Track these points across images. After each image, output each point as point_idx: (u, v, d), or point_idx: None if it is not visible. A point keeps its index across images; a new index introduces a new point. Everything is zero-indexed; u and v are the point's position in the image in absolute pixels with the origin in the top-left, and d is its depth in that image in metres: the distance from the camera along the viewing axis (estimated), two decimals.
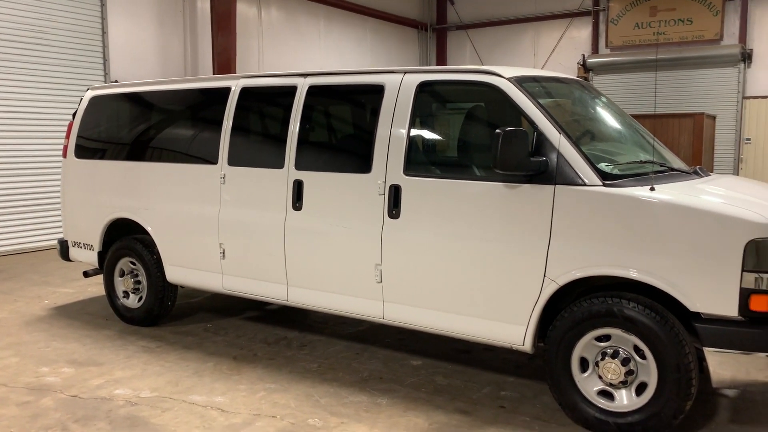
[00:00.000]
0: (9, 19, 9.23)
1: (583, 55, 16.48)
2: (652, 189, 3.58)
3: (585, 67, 16.41)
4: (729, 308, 3.34)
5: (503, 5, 17.81)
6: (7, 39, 9.22)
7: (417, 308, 4.33)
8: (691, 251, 3.41)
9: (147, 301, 5.81)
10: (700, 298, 3.41)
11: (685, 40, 15.39)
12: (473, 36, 18.53)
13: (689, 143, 12.67)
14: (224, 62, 12.17)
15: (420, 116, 4.44)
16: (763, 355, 3.29)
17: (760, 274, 3.29)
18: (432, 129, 4.61)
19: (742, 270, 3.30)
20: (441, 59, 18.99)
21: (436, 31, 18.95)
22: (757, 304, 3.30)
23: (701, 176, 4.24)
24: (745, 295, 3.31)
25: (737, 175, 14.82)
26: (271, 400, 4.28)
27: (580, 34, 16.93)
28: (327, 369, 4.82)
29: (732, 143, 14.96)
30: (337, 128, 5.00)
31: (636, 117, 12.80)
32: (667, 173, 4.06)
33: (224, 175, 5.17)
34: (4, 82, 9.22)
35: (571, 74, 16.74)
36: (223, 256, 5.22)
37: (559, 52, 17.20)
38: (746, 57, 14.71)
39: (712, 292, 3.37)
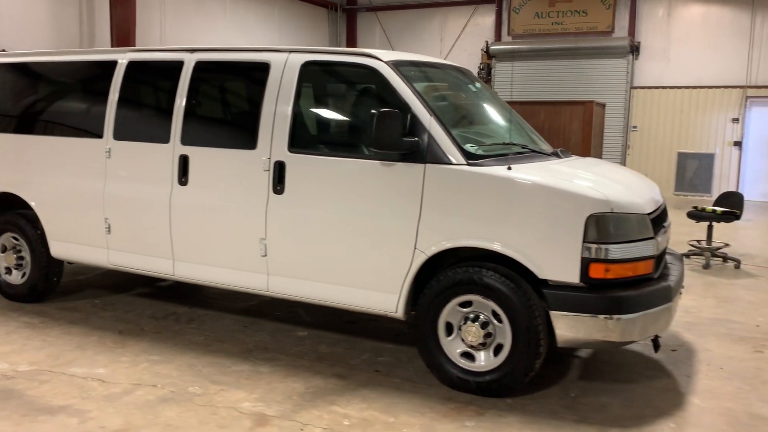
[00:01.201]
0: None
1: (487, 42, 17.05)
2: (509, 168, 3.91)
3: (488, 54, 16.99)
4: (572, 275, 3.73)
5: None
6: None
7: (300, 280, 4.52)
8: (540, 224, 3.77)
9: (31, 277, 5.69)
10: (548, 266, 3.78)
11: (581, 31, 16.23)
12: (383, 18, 18.75)
13: (579, 129, 13.44)
14: (123, 34, 11.82)
15: (304, 95, 4.59)
16: (599, 316, 3.69)
17: (599, 245, 3.68)
18: (315, 108, 4.77)
19: (584, 241, 3.69)
20: (351, 41, 19.10)
21: (346, 12, 19.03)
22: (596, 271, 3.70)
23: (560, 158, 4.64)
24: (585, 263, 3.70)
25: (624, 160, 15.88)
26: (154, 370, 4.36)
27: (485, 21, 17.49)
28: (213, 341, 4.94)
29: (620, 130, 15.97)
30: (223, 105, 5.08)
31: (533, 104, 13.50)
32: (527, 155, 4.42)
33: (110, 149, 5.14)
34: None
35: (476, 60, 17.35)
36: (109, 231, 5.20)
37: (464, 38, 17.71)
38: (634, 49, 15.69)
39: (558, 261, 3.75)
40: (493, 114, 4.98)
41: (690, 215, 8.05)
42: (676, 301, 4.11)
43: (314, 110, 4.76)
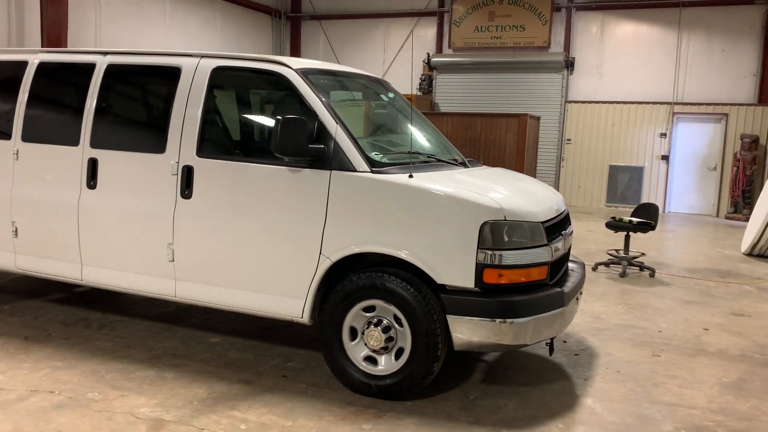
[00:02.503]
0: None
1: (428, 54, 17.31)
2: (410, 176, 4.01)
3: (429, 66, 17.25)
4: (467, 281, 3.84)
5: None
6: None
7: (207, 286, 4.51)
8: (438, 231, 3.88)
9: None
10: (445, 272, 3.88)
11: (519, 45, 16.65)
12: (327, 27, 18.82)
13: (515, 141, 13.78)
14: (54, 35, 11.55)
15: (214, 100, 4.60)
16: (493, 320, 3.82)
17: (493, 251, 3.81)
18: (225, 113, 4.79)
19: (478, 248, 3.81)
20: (295, 48, 19.10)
21: (290, 20, 19.03)
22: (489, 276, 3.82)
23: (467, 167, 4.78)
24: (479, 269, 3.82)
25: (558, 172, 16.32)
26: (54, 377, 4.28)
27: (427, 33, 17.75)
28: (121, 347, 4.87)
29: (555, 143, 16.42)
30: (134, 108, 5.05)
31: (470, 115, 13.78)
32: (432, 163, 4.54)
33: (17, 150, 5.04)
34: None
35: (418, 71, 17.58)
36: (16, 234, 5.08)
37: (407, 49, 17.92)
38: (569, 64, 16.18)
39: (454, 267, 3.86)
40: (406, 124, 5.09)
41: (608, 225, 8.35)
42: (571, 306, 4.27)
43: (223, 115, 4.77)
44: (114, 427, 3.63)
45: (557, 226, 4.37)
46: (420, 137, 4.98)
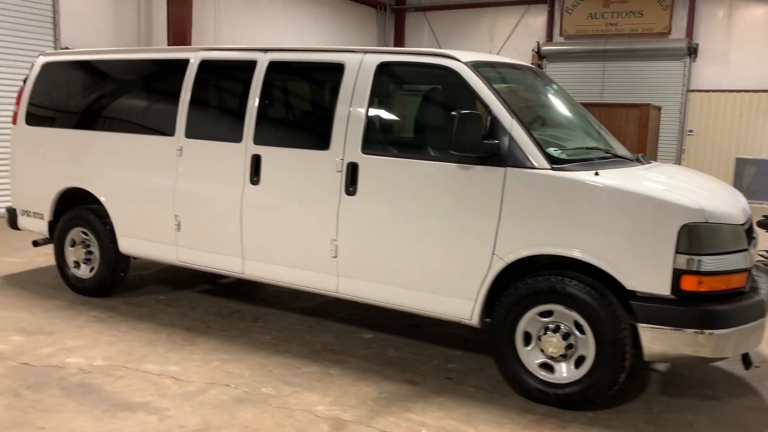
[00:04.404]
0: None
1: (538, 43, 16.79)
2: (597, 174, 3.78)
3: (539, 55, 16.73)
4: (662, 287, 3.58)
5: None
6: None
7: (371, 283, 4.46)
8: (630, 233, 3.63)
9: (99, 272, 5.77)
10: (637, 277, 3.64)
11: (636, 32, 15.86)
12: (431, 18, 18.63)
13: (635, 132, 13.14)
14: (179, 33, 11.95)
15: (378, 96, 4.53)
16: (690, 330, 3.54)
17: (692, 256, 3.53)
18: (390, 109, 4.71)
19: (676, 252, 3.54)
20: (399, 40, 19.04)
21: (395, 12, 18.97)
22: (688, 283, 3.55)
23: (643, 163, 4.48)
24: (677, 275, 3.55)
25: (679, 164, 15.45)
26: (225, 369, 4.36)
27: (536, 21, 17.22)
28: (280, 341, 4.92)
29: (676, 134, 15.55)
30: (296, 105, 5.06)
31: (585, 105, 13.20)
32: (612, 160, 4.28)
33: (181, 147, 5.17)
34: None
35: (526, 61, 17.12)
36: (179, 228, 5.23)
37: (514, 38, 17.48)
38: (692, 51, 15.26)
39: (648, 272, 3.60)
40: (571, 116, 4.84)
41: (760, 224, 7.74)
42: None
43: (389, 112, 4.70)
44: (297, 425, 3.63)
45: (749, 230, 4.02)
46: (588, 131, 4.72)
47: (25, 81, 6.14)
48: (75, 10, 10.52)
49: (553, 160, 3.89)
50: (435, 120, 4.48)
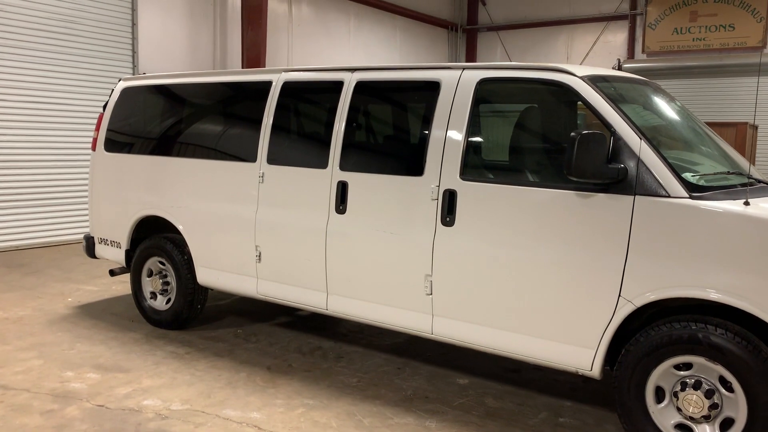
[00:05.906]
0: (40, 8, 9.03)
1: (619, 60, 16.01)
2: (747, 203, 3.22)
3: None
4: None
5: (536, 7, 17.42)
6: (37, 29, 9.01)
7: (471, 324, 4.00)
8: None
9: (175, 304, 5.52)
10: None
11: (726, 46, 14.91)
12: (504, 38, 18.15)
13: None
14: (254, 57, 11.91)
15: (479, 116, 4.10)
16: None
17: None
18: (492, 130, 4.28)
19: None
20: (470, 61, 18.63)
21: (466, 32, 18.60)
22: None
23: None
24: None
25: None
26: (311, 418, 3.96)
27: (616, 38, 16.49)
28: (368, 385, 4.50)
29: None
30: (386, 127, 4.67)
31: None
32: (757, 186, 3.69)
33: (263, 173, 4.87)
34: (33, 72, 9.02)
35: None
36: (259, 259, 4.91)
37: (592, 56, 16.77)
38: None
39: None
40: (699, 137, 4.26)
41: None
42: None
43: (491, 133, 4.26)
44: None
45: None
46: (720, 154, 4.14)
47: (104, 107, 6.03)
48: (153, 36, 10.61)
49: (691, 188, 3.35)
50: (546, 142, 4.00)
